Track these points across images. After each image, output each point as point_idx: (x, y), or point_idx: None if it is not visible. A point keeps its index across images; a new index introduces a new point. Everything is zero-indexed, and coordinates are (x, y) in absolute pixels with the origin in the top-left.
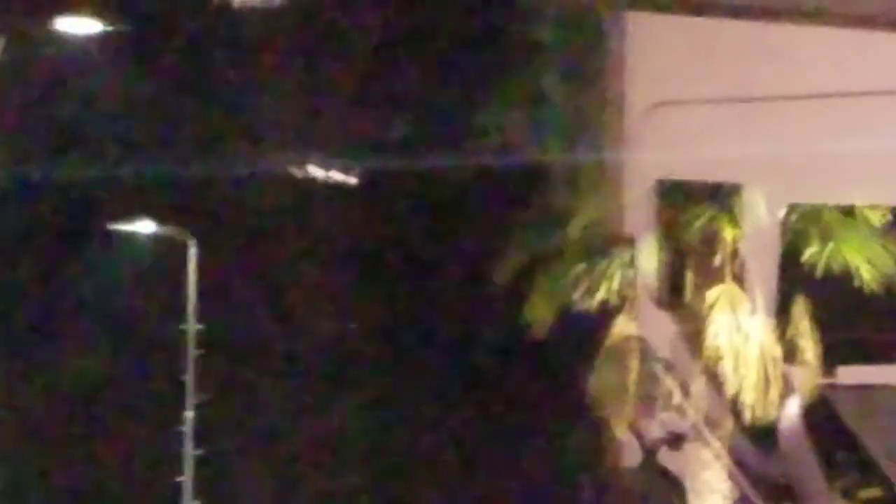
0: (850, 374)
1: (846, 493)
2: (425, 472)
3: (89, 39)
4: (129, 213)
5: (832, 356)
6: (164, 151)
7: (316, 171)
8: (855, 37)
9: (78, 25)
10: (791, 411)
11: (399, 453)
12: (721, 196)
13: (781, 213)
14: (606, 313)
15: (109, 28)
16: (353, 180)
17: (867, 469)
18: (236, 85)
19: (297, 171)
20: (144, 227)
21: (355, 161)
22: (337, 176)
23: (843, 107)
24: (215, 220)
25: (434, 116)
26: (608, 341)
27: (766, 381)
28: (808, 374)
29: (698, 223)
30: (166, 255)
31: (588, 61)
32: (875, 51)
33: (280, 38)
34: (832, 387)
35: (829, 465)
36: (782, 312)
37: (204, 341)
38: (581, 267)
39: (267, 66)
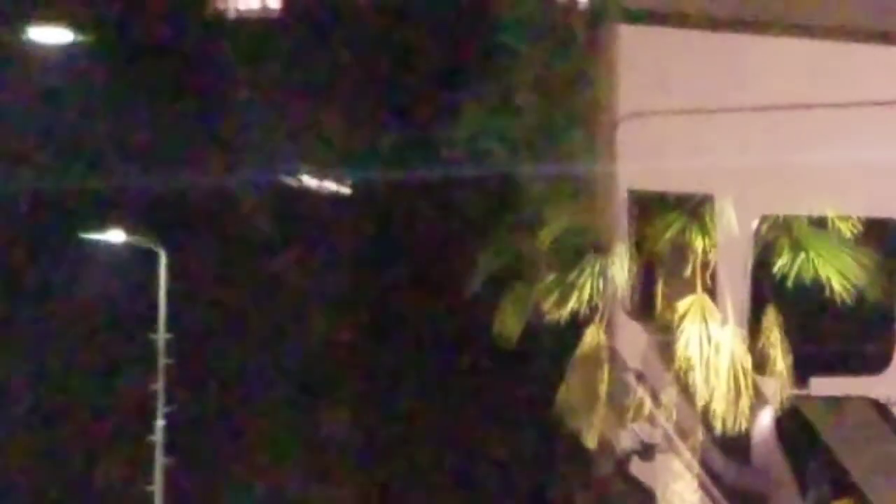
0: (822, 386)
1: None
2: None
3: (68, 48)
4: (104, 224)
5: (804, 367)
6: (148, 161)
7: (309, 181)
8: (828, 48)
9: (52, 35)
10: (763, 422)
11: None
12: (691, 206)
13: (754, 224)
14: (577, 323)
15: (84, 37)
16: (345, 190)
17: (839, 480)
18: (228, 96)
19: (290, 182)
20: (115, 236)
21: (347, 171)
22: (330, 186)
23: (816, 118)
24: (197, 230)
25: (410, 126)
26: (578, 351)
27: (737, 391)
28: (779, 385)
29: (669, 234)
30: (140, 264)
31: (559, 72)
32: (848, 62)
33: (273, 49)
34: (805, 398)
35: (802, 476)
36: (753, 323)
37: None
38: (552, 277)
39: (260, 77)
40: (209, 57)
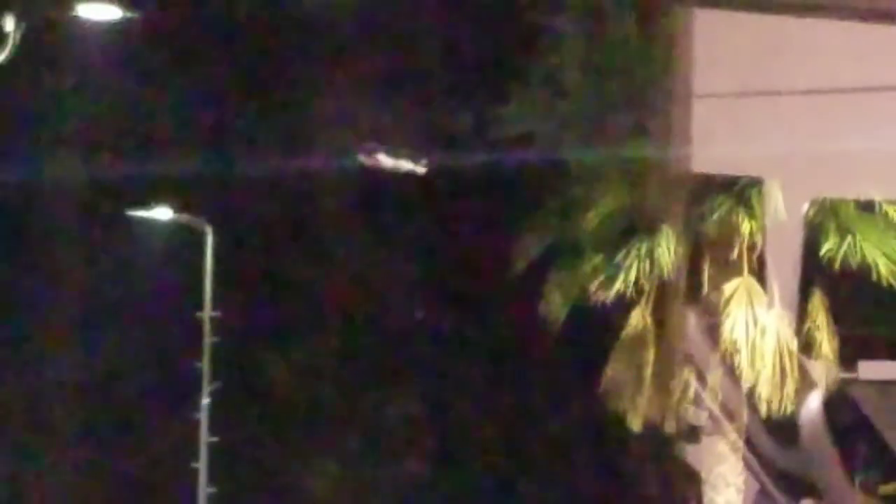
0: (870, 369)
1: (866, 488)
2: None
3: (115, 26)
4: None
5: (852, 351)
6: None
7: (385, 161)
8: (881, 31)
9: (100, 12)
10: (812, 406)
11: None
12: (739, 189)
13: (803, 207)
14: (623, 305)
15: (136, 15)
16: (421, 170)
17: (888, 464)
18: (303, 75)
19: (365, 161)
20: (162, 213)
21: (422, 151)
22: (405, 165)
23: (865, 102)
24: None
25: (458, 108)
26: (624, 334)
27: (783, 374)
28: (826, 368)
29: (715, 216)
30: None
31: (609, 53)
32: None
33: (347, 27)
34: (853, 381)
35: (850, 460)
36: (800, 306)
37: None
38: (598, 258)
39: (333, 56)
40: (279, 35)
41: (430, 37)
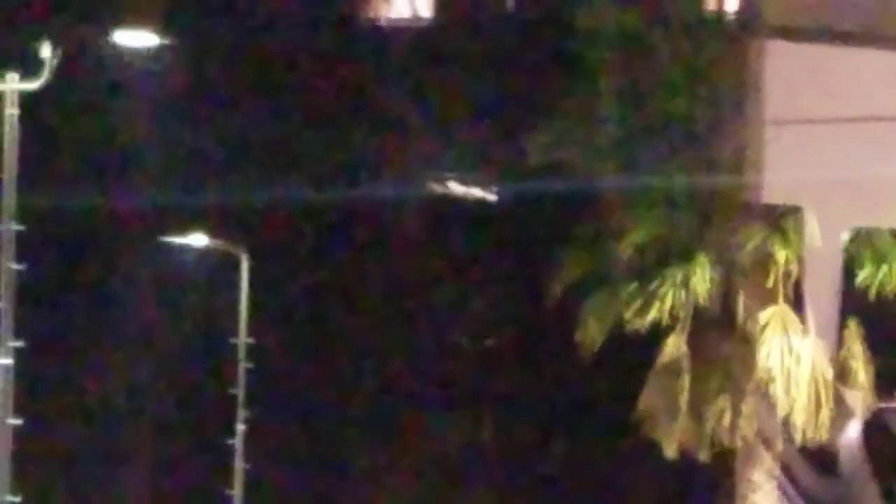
0: None
1: None
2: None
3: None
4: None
5: (889, 380)
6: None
7: (456, 189)
8: None
9: (136, 38)
10: (849, 434)
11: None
12: (775, 217)
13: (841, 236)
14: (658, 333)
15: (167, 41)
16: (491, 197)
17: None
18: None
19: (436, 189)
20: (197, 240)
21: (492, 180)
22: (476, 193)
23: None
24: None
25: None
26: (659, 361)
27: (818, 402)
28: (862, 397)
29: (751, 244)
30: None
31: (642, 80)
32: None
33: (418, 58)
34: (890, 410)
35: (887, 488)
36: (836, 335)
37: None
38: (633, 286)
39: (407, 86)
40: (342, 65)
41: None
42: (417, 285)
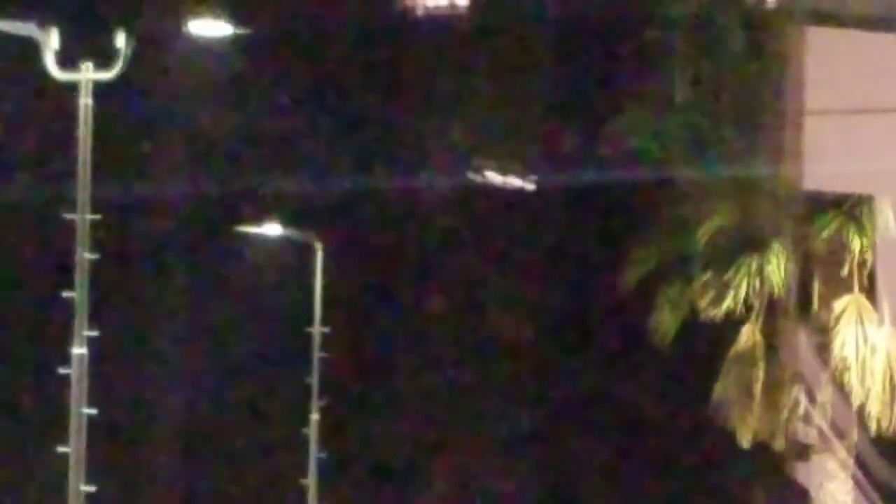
0: None
1: None
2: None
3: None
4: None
5: None
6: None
7: (494, 178)
8: None
9: (211, 28)
10: None
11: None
12: (849, 206)
13: None
14: (732, 322)
15: (246, 31)
16: (530, 187)
17: None
18: (413, 95)
19: (475, 178)
20: (271, 229)
21: (530, 168)
22: (515, 182)
23: None
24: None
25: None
26: (733, 350)
27: (893, 392)
28: None
29: (825, 233)
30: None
31: (719, 70)
32: None
33: (458, 49)
34: None
35: None
36: None
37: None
38: (708, 275)
39: (445, 74)
40: (390, 54)
41: (541, 54)
42: (498, 275)
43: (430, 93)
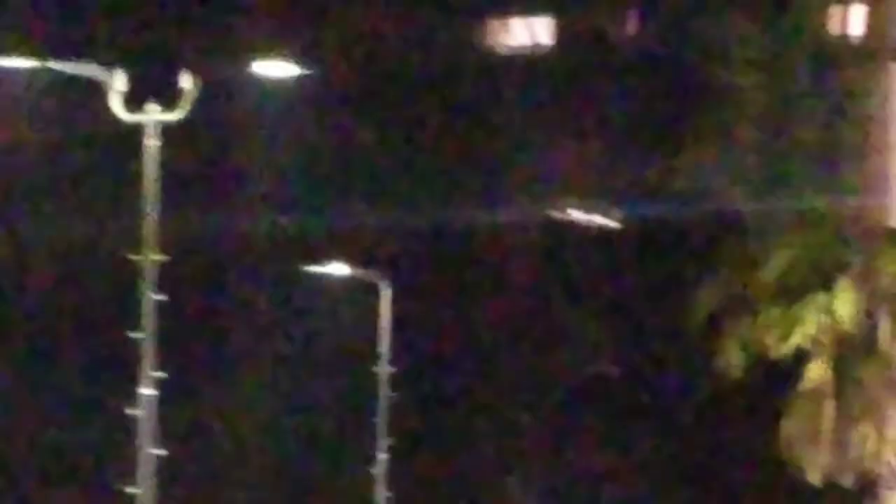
0: None
1: None
2: None
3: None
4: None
5: None
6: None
7: (577, 215)
8: None
9: (276, 69)
10: None
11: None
12: None
13: None
14: (801, 358)
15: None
16: (613, 224)
17: None
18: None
19: (557, 215)
20: (338, 269)
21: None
22: (598, 219)
23: None
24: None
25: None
26: (801, 386)
27: None
28: None
29: (893, 268)
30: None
31: (782, 106)
32: None
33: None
34: None
35: None
36: None
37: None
38: (776, 311)
39: (526, 113)
40: (472, 92)
41: (618, 92)
42: (563, 310)
43: (509, 130)
